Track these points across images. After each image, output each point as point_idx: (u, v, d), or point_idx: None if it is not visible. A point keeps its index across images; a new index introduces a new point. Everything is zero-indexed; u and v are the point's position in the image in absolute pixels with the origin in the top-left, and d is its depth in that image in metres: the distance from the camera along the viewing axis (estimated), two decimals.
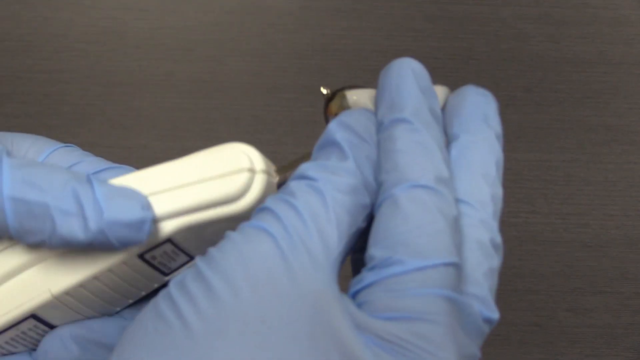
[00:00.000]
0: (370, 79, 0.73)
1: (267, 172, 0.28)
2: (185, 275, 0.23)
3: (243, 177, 0.27)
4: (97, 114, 0.66)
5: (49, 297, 0.27)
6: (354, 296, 0.23)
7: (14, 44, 0.71)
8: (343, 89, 0.29)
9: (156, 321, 0.21)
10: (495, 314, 0.24)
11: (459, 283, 0.23)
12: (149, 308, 0.22)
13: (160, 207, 0.27)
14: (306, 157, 0.29)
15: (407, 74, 0.26)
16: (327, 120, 0.29)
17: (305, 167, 0.25)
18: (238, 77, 0.71)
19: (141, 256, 0.28)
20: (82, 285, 0.27)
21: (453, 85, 0.80)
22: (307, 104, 0.68)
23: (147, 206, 0.26)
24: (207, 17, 0.73)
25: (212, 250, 0.23)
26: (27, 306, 0.27)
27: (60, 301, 0.27)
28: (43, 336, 0.29)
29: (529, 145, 0.70)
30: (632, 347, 0.65)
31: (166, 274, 0.30)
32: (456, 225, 0.24)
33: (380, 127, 0.25)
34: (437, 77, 0.74)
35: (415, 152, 0.24)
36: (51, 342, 0.28)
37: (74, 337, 0.28)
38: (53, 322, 0.28)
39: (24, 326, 0.28)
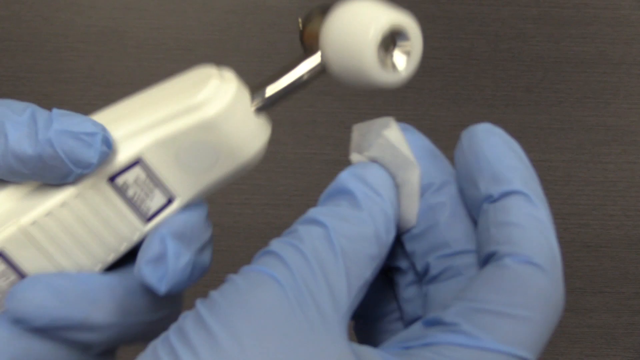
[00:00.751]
0: None
1: (237, 83, 0.26)
2: (184, 319, 0.21)
3: (211, 83, 0.26)
4: None
5: (14, 229, 0.25)
6: (400, 350, 0.21)
7: (14, 44, 0.71)
8: (319, 7, 0.27)
9: None
10: None
11: None
12: (147, 353, 0.21)
13: (124, 126, 0.26)
14: (284, 70, 0.26)
15: (498, 142, 0.25)
16: (305, 50, 0.26)
17: (314, 212, 0.23)
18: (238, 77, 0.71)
19: (112, 180, 0.26)
20: (49, 214, 0.25)
21: (453, 85, 0.80)
22: (307, 104, 0.68)
23: (101, 126, 0.24)
24: (207, 17, 0.73)
25: (214, 294, 0.21)
26: None
27: (27, 236, 0.25)
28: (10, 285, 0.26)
29: (529, 145, 0.70)
30: (632, 347, 0.65)
31: (146, 220, 0.27)
32: (554, 321, 0.22)
33: (487, 199, 0.24)
34: (437, 77, 0.74)
35: (531, 227, 0.23)
36: (24, 287, 0.25)
37: (50, 284, 0.25)
38: (24, 267, 0.25)
39: None
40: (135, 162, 0.26)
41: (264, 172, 0.68)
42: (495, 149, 0.25)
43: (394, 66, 0.25)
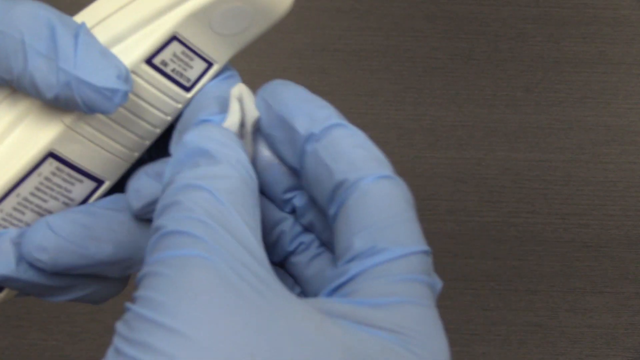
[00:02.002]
0: (370, 78, 0.73)
1: None
2: (131, 330, 0.19)
3: None
4: None
5: (62, 127, 0.25)
6: (335, 290, 0.22)
7: None
8: None
9: None
10: (440, 285, 0.25)
11: (431, 269, 0.24)
12: None
13: (155, 2, 0.25)
14: None
15: (299, 90, 0.26)
16: None
17: (183, 178, 0.23)
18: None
19: (149, 62, 0.26)
20: None
21: (453, 85, 0.80)
22: None
23: (124, 77, 0.24)
24: None
25: (147, 292, 0.20)
26: (42, 142, 0.25)
27: (76, 131, 0.25)
28: (73, 185, 0.26)
29: (529, 145, 0.70)
30: (632, 347, 0.65)
31: (188, 89, 0.27)
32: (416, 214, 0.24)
33: (310, 138, 0.25)
34: (437, 77, 0.75)
35: (366, 147, 0.25)
36: (139, 180, 0.26)
37: (157, 172, 0.26)
38: (77, 161, 0.26)
39: (46, 170, 0.25)
40: (171, 39, 0.26)
41: None
42: (298, 93, 0.26)
43: None
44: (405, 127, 0.70)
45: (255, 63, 0.71)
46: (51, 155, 0.25)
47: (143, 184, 0.26)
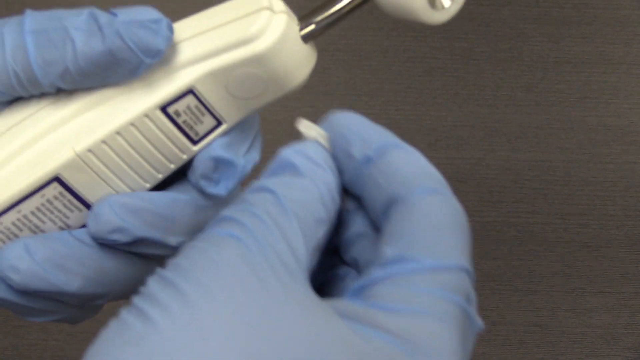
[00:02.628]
0: (370, 79, 0.73)
1: (287, 14, 0.27)
2: (147, 284, 0.21)
3: (262, 16, 0.26)
4: None
5: (71, 155, 0.26)
6: (357, 292, 0.22)
7: None
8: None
9: (123, 332, 0.20)
10: (481, 326, 0.24)
11: (469, 292, 0.23)
12: (111, 323, 0.21)
13: (179, 54, 0.27)
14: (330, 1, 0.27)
15: (357, 118, 0.27)
16: None
17: (260, 182, 0.24)
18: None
19: (164, 110, 0.27)
20: (104, 142, 0.26)
21: (453, 85, 0.80)
22: (307, 104, 0.68)
23: (161, 13, 0.26)
24: None
25: (176, 259, 0.21)
26: (50, 166, 0.26)
27: (84, 161, 0.26)
28: (72, 212, 0.27)
29: (529, 145, 0.70)
30: (632, 347, 0.65)
31: (195, 142, 0.28)
32: (468, 235, 0.24)
33: (367, 161, 0.25)
34: (437, 77, 0.74)
35: (419, 165, 0.25)
36: (101, 206, 0.27)
37: (122, 203, 0.27)
38: (80, 190, 0.27)
39: (49, 192, 0.27)
40: (188, 92, 0.27)
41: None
42: (353, 121, 0.26)
43: (441, 5, 0.26)
44: (405, 127, 0.70)
45: None
46: (57, 179, 0.26)
47: (103, 211, 0.27)
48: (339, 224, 0.27)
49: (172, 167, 0.28)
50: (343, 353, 0.20)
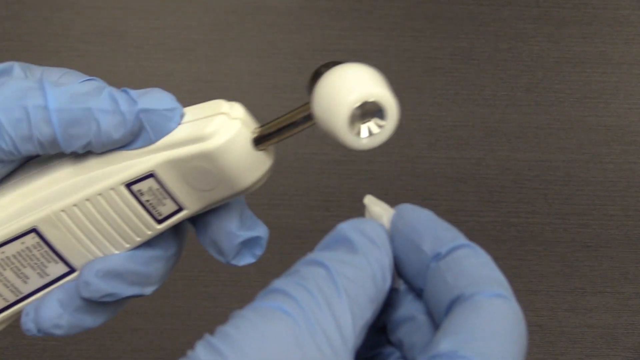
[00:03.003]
0: None
1: (243, 122, 0.30)
2: (195, 351, 0.22)
3: (217, 119, 0.30)
4: None
5: (47, 212, 0.31)
6: None
7: (14, 44, 0.71)
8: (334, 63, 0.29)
9: None
10: None
11: None
12: None
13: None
14: (292, 116, 0.30)
15: (424, 213, 0.27)
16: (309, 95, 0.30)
17: (314, 255, 0.25)
18: (238, 77, 0.71)
19: (128, 187, 0.31)
20: (76, 205, 0.31)
21: (453, 85, 0.80)
22: None
23: (175, 99, 0.30)
24: (207, 17, 0.73)
25: (225, 328, 0.22)
26: (29, 218, 0.31)
27: (58, 219, 0.31)
28: (49, 262, 0.32)
29: (529, 145, 0.70)
30: (632, 347, 0.65)
31: (159, 222, 0.32)
32: (526, 343, 0.24)
33: (437, 257, 0.25)
34: (437, 77, 0.74)
35: (488, 268, 0.25)
36: (89, 274, 0.31)
37: (108, 270, 0.31)
38: (56, 245, 0.32)
39: (28, 241, 0.31)
40: (149, 175, 0.30)
41: None
42: (426, 217, 0.27)
43: (360, 134, 0.28)
44: (405, 127, 0.70)
45: (255, 63, 0.71)
46: (34, 231, 0.31)
47: (92, 280, 0.31)
48: (388, 304, 0.27)
49: (139, 239, 0.32)
50: None
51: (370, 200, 0.28)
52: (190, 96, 0.71)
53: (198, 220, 0.33)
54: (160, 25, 0.72)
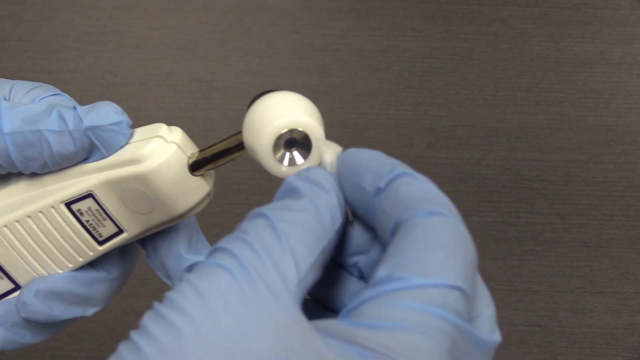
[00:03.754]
0: (370, 79, 0.73)
1: (180, 147, 0.30)
2: (142, 319, 0.23)
3: (153, 142, 0.30)
4: None
5: None
6: (347, 313, 0.23)
7: (14, 44, 0.71)
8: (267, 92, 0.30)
9: None
10: (498, 338, 0.24)
11: (466, 310, 0.23)
12: (111, 357, 0.23)
13: (84, 165, 0.31)
14: (226, 143, 0.30)
15: (369, 153, 0.28)
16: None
17: (258, 208, 0.25)
18: (238, 77, 0.71)
19: (68, 206, 0.31)
20: (18, 221, 0.32)
21: (453, 85, 0.80)
22: None
23: (120, 111, 0.30)
24: (207, 17, 0.73)
25: (171, 294, 0.23)
26: None
27: (2, 234, 0.32)
28: None
29: (529, 145, 0.70)
30: (632, 347, 0.65)
31: (100, 243, 0.32)
32: (472, 255, 0.24)
33: (378, 191, 0.26)
34: (437, 77, 0.74)
35: (425, 190, 0.25)
36: (28, 295, 0.32)
37: (47, 291, 0.32)
38: (0, 261, 0.32)
39: None
40: (88, 195, 0.31)
41: (264, 172, 0.68)
42: (367, 156, 0.27)
43: (282, 162, 0.28)
44: (405, 127, 0.70)
45: (255, 63, 0.71)
46: None
47: (30, 301, 0.32)
48: (345, 239, 0.27)
49: (81, 260, 0.33)
50: None
51: (323, 148, 0.28)
52: (190, 96, 0.72)
53: (147, 242, 0.34)
54: (160, 25, 0.72)
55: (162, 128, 0.31)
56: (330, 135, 0.28)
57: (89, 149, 0.30)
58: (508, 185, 0.69)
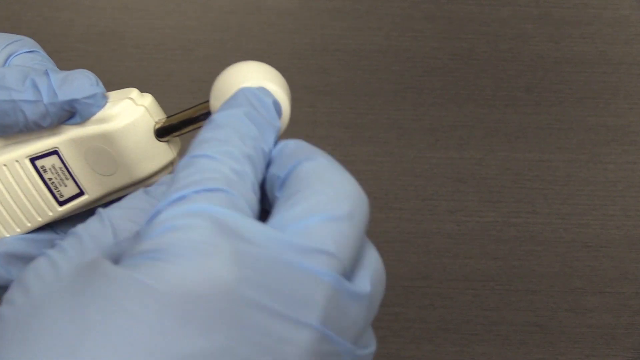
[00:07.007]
0: (370, 79, 0.73)
1: (148, 111, 0.31)
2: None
3: (122, 103, 0.30)
4: None
5: None
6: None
7: None
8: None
9: None
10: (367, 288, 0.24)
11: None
12: None
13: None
14: (194, 111, 0.31)
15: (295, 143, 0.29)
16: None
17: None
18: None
19: (32, 161, 0.32)
20: None
21: (453, 85, 0.80)
22: (307, 104, 0.68)
23: (95, 82, 0.31)
24: (207, 17, 0.73)
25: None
26: None
27: None
28: None
29: (529, 145, 0.70)
30: (632, 347, 0.65)
31: (60, 203, 0.32)
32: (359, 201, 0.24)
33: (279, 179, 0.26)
34: (437, 77, 0.74)
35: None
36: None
37: (4, 253, 0.32)
38: None
39: None
40: (53, 152, 0.31)
41: None
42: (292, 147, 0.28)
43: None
44: (405, 127, 0.70)
45: None
46: None
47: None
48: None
49: (40, 220, 0.33)
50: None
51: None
52: (191, 96, 0.71)
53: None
54: (160, 25, 0.72)
55: (133, 92, 0.31)
56: (330, 135, 0.28)
57: (65, 117, 0.31)
58: (508, 185, 0.69)
